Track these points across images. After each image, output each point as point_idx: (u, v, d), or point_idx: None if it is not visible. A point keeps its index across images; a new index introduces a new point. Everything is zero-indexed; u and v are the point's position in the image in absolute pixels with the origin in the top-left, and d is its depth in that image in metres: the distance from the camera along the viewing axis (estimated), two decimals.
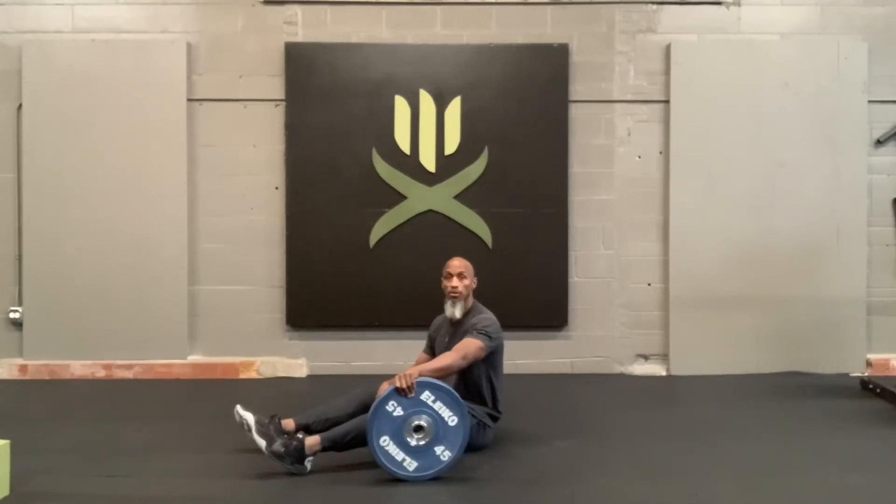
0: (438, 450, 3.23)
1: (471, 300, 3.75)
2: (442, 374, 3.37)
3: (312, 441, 3.28)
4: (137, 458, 3.50)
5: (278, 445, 3.24)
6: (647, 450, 3.66)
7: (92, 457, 3.52)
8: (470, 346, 3.50)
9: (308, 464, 3.28)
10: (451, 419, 3.24)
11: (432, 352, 3.82)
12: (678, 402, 4.75)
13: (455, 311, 3.68)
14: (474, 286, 3.75)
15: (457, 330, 3.69)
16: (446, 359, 3.46)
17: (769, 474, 3.32)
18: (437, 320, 3.90)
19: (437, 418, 3.23)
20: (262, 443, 3.27)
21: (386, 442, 3.20)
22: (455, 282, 3.66)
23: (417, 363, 3.74)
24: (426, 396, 3.24)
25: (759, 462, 3.48)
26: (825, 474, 3.34)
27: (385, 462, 3.20)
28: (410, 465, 3.21)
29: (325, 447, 3.30)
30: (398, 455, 3.21)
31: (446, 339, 3.72)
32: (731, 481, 3.23)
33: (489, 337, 3.56)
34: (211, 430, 3.89)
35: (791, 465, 3.45)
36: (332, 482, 3.20)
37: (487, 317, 3.66)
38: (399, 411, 3.22)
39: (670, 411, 4.49)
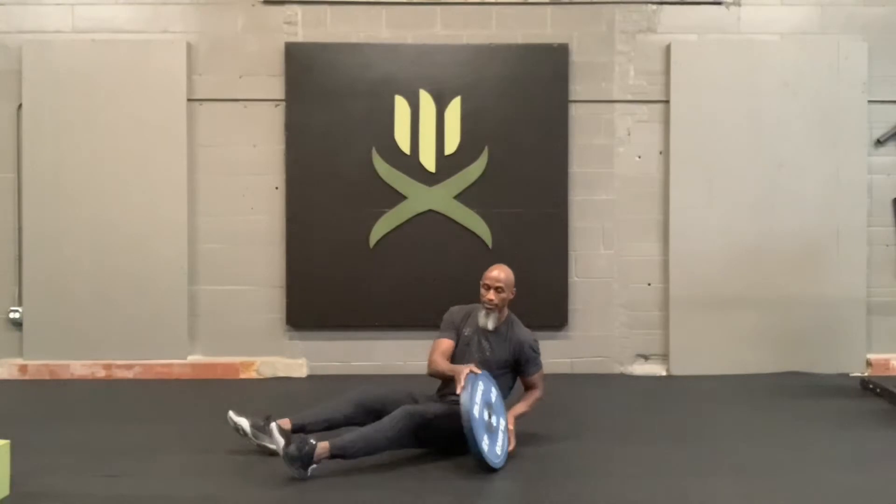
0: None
1: (506, 311, 3.76)
2: (531, 411, 3.75)
3: (322, 448, 3.24)
4: (137, 458, 3.49)
5: (293, 448, 3.20)
6: (647, 450, 3.66)
7: (92, 457, 3.52)
8: (541, 383, 3.80)
9: (311, 470, 3.25)
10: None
11: (457, 343, 3.74)
12: (678, 402, 4.75)
13: (488, 322, 3.66)
14: (511, 297, 3.74)
15: (496, 340, 3.68)
16: (530, 406, 3.76)
17: (769, 474, 3.32)
18: (459, 312, 3.79)
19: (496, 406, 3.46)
20: (280, 442, 3.26)
21: (486, 443, 3.30)
22: (492, 294, 3.64)
23: (438, 349, 3.65)
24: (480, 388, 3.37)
25: (759, 462, 3.48)
26: (825, 474, 3.33)
27: (494, 461, 3.30)
28: (500, 448, 3.38)
29: (334, 455, 3.27)
30: (496, 446, 3.35)
31: (483, 347, 3.67)
32: (731, 481, 3.23)
33: (539, 356, 3.78)
34: (211, 430, 3.88)
35: (791, 465, 3.45)
36: (331, 485, 3.19)
37: (533, 337, 3.76)
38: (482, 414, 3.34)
39: (670, 411, 4.49)
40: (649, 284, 5.48)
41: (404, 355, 5.32)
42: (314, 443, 3.24)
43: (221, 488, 3.15)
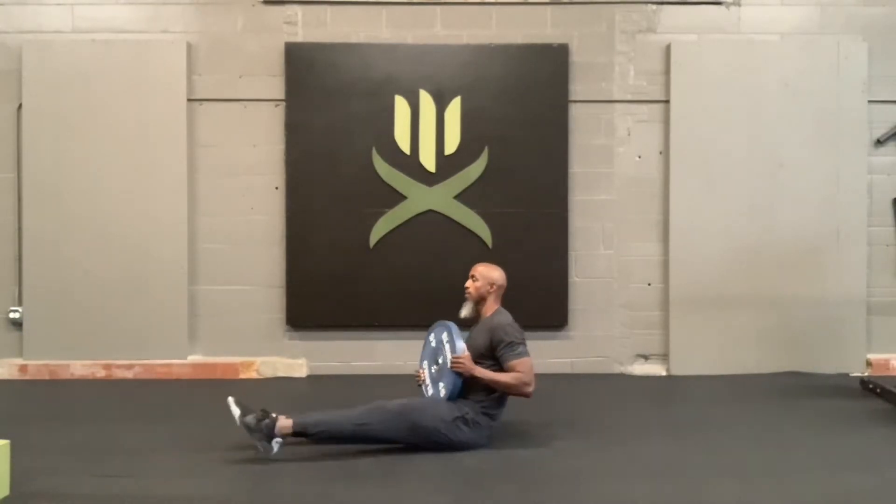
0: (440, 385, 3.66)
1: (492, 305, 3.78)
2: (503, 388, 3.58)
3: (284, 423, 3.37)
4: (137, 458, 3.49)
5: (251, 419, 3.37)
6: (647, 450, 3.66)
7: (92, 457, 3.52)
8: (528, 370, 3.57)
9: (276, 445, 3.35)
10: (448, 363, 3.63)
11: None
12: (678, 402, 4.75)
13: (462, 310, 3.79)
14: (492, 291, 3.77)
15: (479, 329, 3.73)
16: (506, 378, 3.56)
17: (769, 474, 3.32)
18: None
19: (445, 361, 3.63)
20: (236, 411, 3.41)
21: (425, 366, 3.80)
22: (468, 282, 3.80)
23: None
24: (445, 337, 3.68)
25: (759, 462, 3.48)
26: (825, 474, 3.33)
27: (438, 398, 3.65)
28: (428, 389, 3.75)
29: (296, 432, 3.38)
30: (427, 379, 3.77)
31: (469, 337, 3.76)
32: (731, 481, 3.23)
33: (522, 344, 3.63)
34: (211, 430, 3.88)
35: (791, 465, 3.45)
36: (332, 480, 3.20)
37: (509, 322, 3.67)
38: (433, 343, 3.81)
39: (670, 411, 4.49)
40: (649, 284, 5.48)
41: (404, 355, 5.30)
42: (275, 417, 3.37)
43: (221, 488, 3.15)
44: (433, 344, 3.78)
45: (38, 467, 3.31)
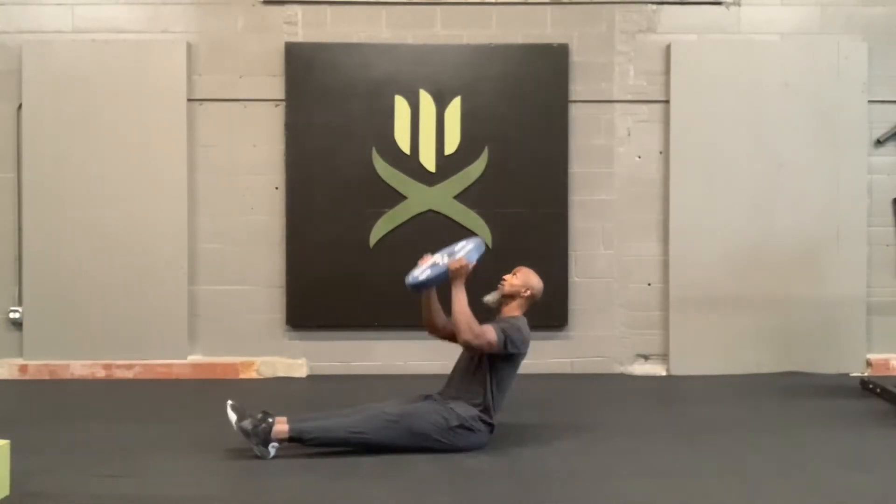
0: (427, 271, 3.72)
1: (515, 308, 3.76)
2: (457, 312, 3.52)
3: (280, 428, 3.39)
4: (137, 458, 3.49)
5: (247, 423, 3.39)
6: (647, 450, 3.66)
7: (92, 457, 3.52)
8: (487, 335, 3.51)
9: (272, 449, 3.38)
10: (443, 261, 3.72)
11: None
12: (678, 402, 4.75)
13: (490, 294, 3.75)
14: (524, 295, 3.76)
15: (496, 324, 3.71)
16: (467, 314, 3.52)
17: (769, 474, 3.33)
18: None
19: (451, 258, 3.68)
20: (232, 417, 3.42)
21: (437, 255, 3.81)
22: (507, 275, 3.80)
23: None
24: (469, 246, 3.73)
25: (759, 462, 3.48)
26: (825, 474, 3.34)
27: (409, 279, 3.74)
28: (417, 268, 3.77)
29: (292, 437, 3.40)
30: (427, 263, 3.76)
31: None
32: (731, 481, 3.23)
33: (510, 341, 3.57)
34: (210, 430, 3.87)
35: (791, 465, 3.45)
36: (333, 479, 3.20)
37: (517, 325, 3.64)
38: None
39: (670, 411, 4.49)
40: (649, 284, 5.48)
41: (404, 356, 5.32)
42: (272, 421, 3.39)
43: (221, 488, 3.15)
44: (456, 247, 3.78)
45: (38, 467, 3.32)
